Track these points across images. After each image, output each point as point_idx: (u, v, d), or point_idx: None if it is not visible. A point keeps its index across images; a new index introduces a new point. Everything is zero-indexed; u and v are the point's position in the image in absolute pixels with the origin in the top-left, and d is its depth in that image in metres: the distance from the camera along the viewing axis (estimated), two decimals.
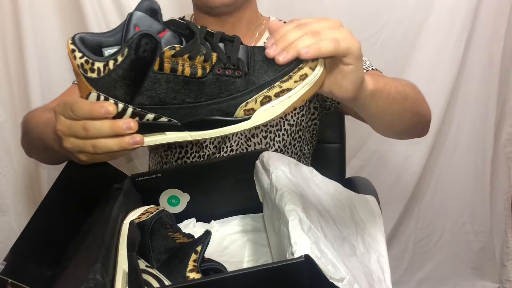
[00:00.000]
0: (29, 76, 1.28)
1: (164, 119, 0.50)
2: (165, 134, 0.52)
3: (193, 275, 0.50)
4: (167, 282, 0.51)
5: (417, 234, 1.56)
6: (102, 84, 0.49)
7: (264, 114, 0.50)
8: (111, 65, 0.48)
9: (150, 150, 1.03)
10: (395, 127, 0.71)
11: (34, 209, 0.66)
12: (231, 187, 0.75)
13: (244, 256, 0.68)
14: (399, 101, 0.65)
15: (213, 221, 0.77)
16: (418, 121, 0.74)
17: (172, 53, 0.48)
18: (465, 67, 1.38)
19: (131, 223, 0.56)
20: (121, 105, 0.50)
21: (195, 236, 0.60)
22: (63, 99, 0.79)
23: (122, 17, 1.28)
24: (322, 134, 1.01)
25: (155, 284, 0.50)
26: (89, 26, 1.25)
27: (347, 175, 1.16)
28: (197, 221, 0.77)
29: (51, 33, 1.29)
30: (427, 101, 0.77)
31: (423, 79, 1.36)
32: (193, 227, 0.75)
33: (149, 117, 0.50)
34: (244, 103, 0.49)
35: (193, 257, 0.52)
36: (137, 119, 0.50)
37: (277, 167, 0.67)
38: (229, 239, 0.72)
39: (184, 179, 0.74)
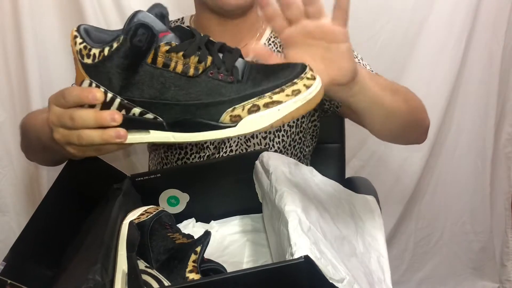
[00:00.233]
0: (29, 76, 1.28)
1: (149, 116, 0.50)
2: (149, 132, 0.51)
3: (192, 276, 0.50)
4: (166, 282, 0.51)
5: (417, 234, 1.55)
6: (95, 70, 0.50)
7: (250, 123, 0.49)
8: (106, 51, 0.49)
9: (150, 151, 1.03)
10: (390, 125, 0.70)
11: (34, 209, 0.66)
12: (230, 187, 0.75)
13: (243, 256, 0.68)
14: (391, 93, 0.65)
15: (212, 222, 0.77)
16: (414, 121, 0.73)
17: (167, 49, 0.49)
18: (465, 67, 1.38)
19: (131, 223, 0.56)
20: (110, 95, 0.50)
21: (195, 236, 0.60)
22: None
23: (122, 17, 1.28)
24: (322, 134, 1.01)
25: (155, 284, 0.50)
26: None
27: (347, 175, 1.16)
28: (196, 221, 0.76)
29: (51, 33, 1.29)
30: (425, 109, 0.77)
31: (423, 79, 1.36)
32: (192, 227, 0.75)
33: (136, 111, 0.50)
34: (231, 108, 0.49)
35: (193, 257, 0.52)
36: (124, 112, 0.51)
37: (277, 168, 0.67)
38: (229, 240, 0.72)
39: (183, 179, 0.74)
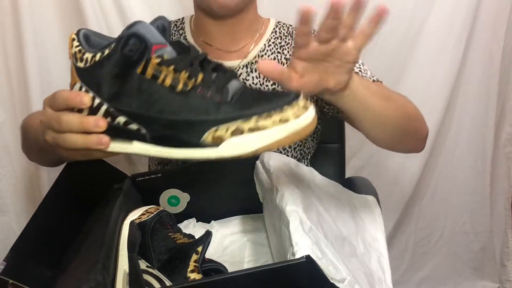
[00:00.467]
0: (29, 76, 1.28)
1: (134, 126, 0.50)
2: (132, 143, 0.51)
3: (194, 276, 0.51)
4: (168, 282, 0.51)
5: (417, 234, 1.55)
6: (86, 74, 0.50)
7: (232, 146, 0.47)
8: (98, 57, 0.49)
9: None
10: (381, 130, 0.70)
11: (34, 209, 0.65)
12: (231, 187, 0.75)
13: (244, 256, 0.68)
14: (382, 99, 0.65)
15: (213, 221, 0.77)
16: (408, 129, 0.73)
17: (158, 61, 0.48)
18: (465, 67, 1.38)
19: (132, 223, 0.56)
20: (97, 101, 0.50)
21: (195, 236, 0.60)
22: None
23: (122, 17, 1.28)
24: (322, 134, 1.01)
25: (156, 284, 0.50)
26: (89, 26, 1.25)
27: (347, 175, 1.16)
28: (197, 221, 0.76)
29: (51, 33, 1.29)
30: (422, 117, 0.77)
31: (423, 79, 1.36)
32: (193, 227, 0.75)
33: (120, 120, 0.50)
34: (214, 128, 0.47)
35: (194, 257, 0.52)
36: (109, 120, 0.50)
37: (278, 168, 0.67)
38: (229, 239, 0.72)
39: (184, 179, 0.74)
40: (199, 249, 0.53)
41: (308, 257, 0.45)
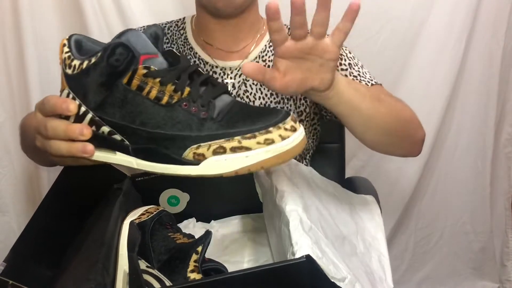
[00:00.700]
0: (29, 76, 1.28)
1: (117, 137, 0.49)
2: (115, 154, 0.51)
3: (194, 276, 0.50)
4: (168, 282, 0.51)
5: (417, 234, 1.55)
6: (73, 81, 0.50)
7: (214, 165, 0.46)
8: (85, 65, 0.49)
9: None
10: (370, 132, 0.69)
11: (34, 209, 0.65)
12: (231, 187, 0.75)
13: (244, 256, 0.68)
14: (371, 101, 0.65)
15: (213, 221, 0.77)
16: (401, 132, 0.72)
17: (144, 72, 0.47)
18: (465, 67, 1.38)
19: (131, 223, 0.56)
20: (83, 109, 0.50)
21: (195, 236, 0.60)
22: None
23: (122, 17, 1.27)
24: (322, 134, 1.01)
25: (156, 284, 0.50)
26: (89, 26, 1.25)
27: (347, 175, 1.16)
28: (197, 221, 0.76)
29: (51, 33, 1.29)
30: (419, 121, 0.76)
31: (423, 79, 1.36)
32: (193, 227, 0.75)
33: (105, 129, 0.50)
34: (196, 145, 0.46)
35: (194, 257, 0.52)
36: (94, 128, 0.50)
37: (278, 167, 0.67)
38: (229, 239, 0.72)
39: (184, 179, 0.74)
40: (199, 249, 0.53)
41: (308, 257, 0.45)
